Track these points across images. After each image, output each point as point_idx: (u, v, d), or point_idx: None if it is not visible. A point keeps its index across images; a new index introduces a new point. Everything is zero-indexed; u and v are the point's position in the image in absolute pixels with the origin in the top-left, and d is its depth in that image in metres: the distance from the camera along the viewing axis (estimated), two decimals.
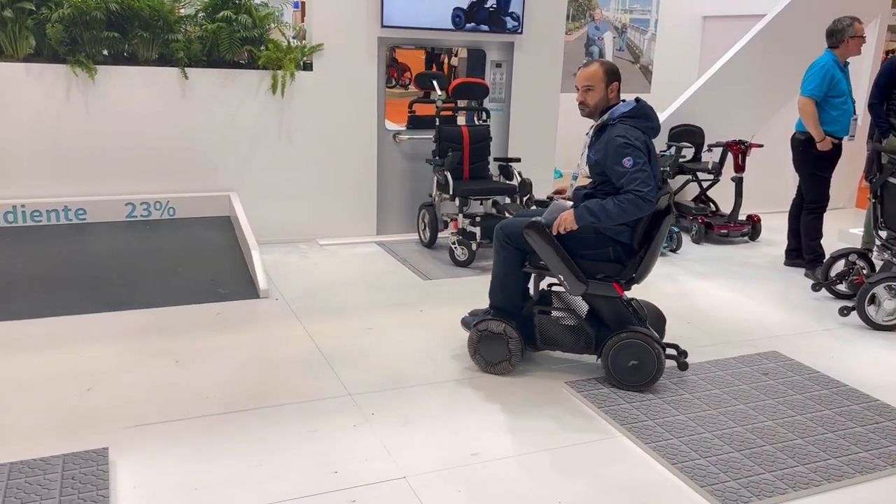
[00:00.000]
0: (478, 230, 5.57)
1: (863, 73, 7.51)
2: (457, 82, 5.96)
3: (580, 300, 3.77)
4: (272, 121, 5.82)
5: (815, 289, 5.12)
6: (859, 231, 6.02)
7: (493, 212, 6.08)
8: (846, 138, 5.48)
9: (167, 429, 3.11)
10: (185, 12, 5.63)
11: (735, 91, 7.13)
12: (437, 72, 6.68)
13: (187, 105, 5.53)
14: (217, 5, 5.49)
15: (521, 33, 6.37)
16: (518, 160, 6.05)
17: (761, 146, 6.58)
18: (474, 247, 5.54)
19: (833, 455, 3.04)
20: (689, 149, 6.68)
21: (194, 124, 5.58)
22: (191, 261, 5.06)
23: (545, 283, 3.94)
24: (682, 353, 3.76)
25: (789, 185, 6.37)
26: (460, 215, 5.64)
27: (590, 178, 3.70)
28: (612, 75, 3.56)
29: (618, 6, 10.07)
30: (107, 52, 5.35)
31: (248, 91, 5.69)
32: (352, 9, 5.83)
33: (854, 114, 5.46)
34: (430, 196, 6.07)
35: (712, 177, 6.67)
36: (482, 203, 6.10)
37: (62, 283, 4.61)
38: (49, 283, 4.59)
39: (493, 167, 6.15)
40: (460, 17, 6.09)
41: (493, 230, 5.63)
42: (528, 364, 3.87)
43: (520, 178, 5.85)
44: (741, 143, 6.51)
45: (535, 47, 6.51)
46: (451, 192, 5.65)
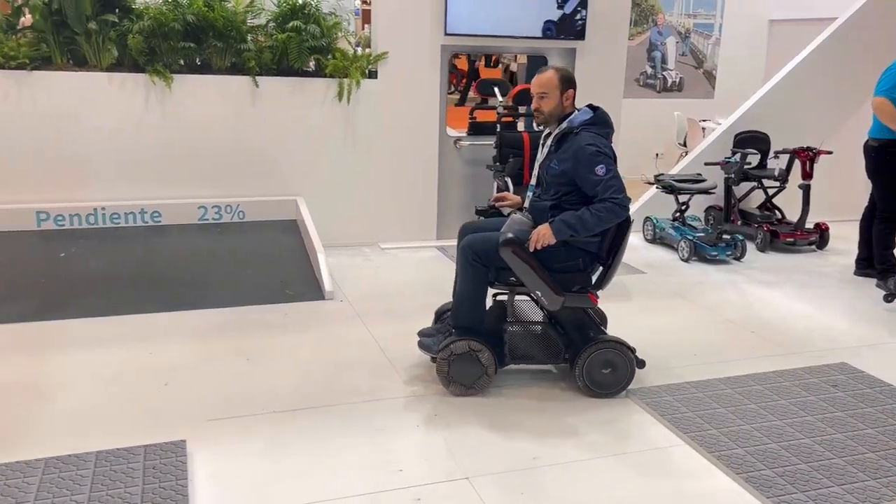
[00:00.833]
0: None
1: None
2: (518, 88, 6.01)
3: (536, 311, 3.74)
4: (337, 127, 5.97)
5: (888, 300, 4.97)
6: None
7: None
8: None
9: (240, 423, 3.23)
10: (255, 22, 5.83)
11: (803, 96, 6.97)
12: (499, 78, 6.73)
13: (257, 112, 5.72)
14: (287, 15, 5.67)
15: (583, 39, 6.38)
16: None
17: (830, 153, 6.42)
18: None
19: None
20: (754, 155, 6.57)
21: (264, 131, 5.76)
22: (259, 263, 5.23)
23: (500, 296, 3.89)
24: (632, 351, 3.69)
25: (860, 192, 6.20)
26: None
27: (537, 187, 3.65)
28: (568, 82, 3.50)
29: (681, 11, 9.95)
30: (182, 62, 5.58)
31: (314, 98, 5.85)
32: (416, 18, 5.94)
33: None
34: (489, 201, 6.12)
35: (778, 184, 6.54)
36: None
37: (139, 282, 4.83)
38: (127, 283, 4.81)
39: None
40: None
41: None
42: None
43: None
44: (809, 149, 6.36)
45: (598, 53, 6.50)
46: None
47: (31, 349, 3.90)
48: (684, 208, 6.46)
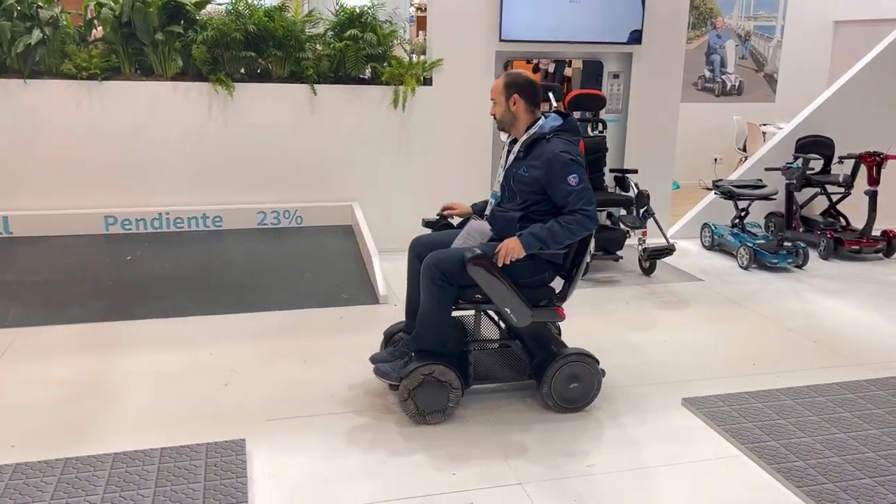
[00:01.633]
0: (592, 242, 5.54)
1: None
2: (573, 94, 5.97)
3: (493, 328, 3.69)
4: (392, 134, 6.04)
5: None
6: None
7: (608, 223, 6.04)
8: None
9: (297, 424, 3.31)
10: (314, 31, 5.95)
11: (870, 100, 6.75)
12: (553, 83, 6.71)
13: (315, 119, 5.84)
14: (344, 24, 5.78)
15: (640, 43, 6.31)
16: (635, 171, 5.98)
17: None
18: (588, 258, 5.51)
19: None
20: (817, 160, 6.39)
21: (321, 137, 5.87)
22: (316, 267, 5.33)
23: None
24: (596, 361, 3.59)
25: None
26: None
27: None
28: (512, 87, 3.34)
29: (741, 13, 9.75)
30: (243, 71, 5.74)
31: (370, 106, 5.94)
32: (471, 24, 5.97)
33: None
34: None
35: (843, 190, 6.35)
36: None
37: (201, 285, 4.98)
38: (189, 285, 4.96)
39: (609, 179, 6.11)
40: (638, 41, 6.26)
41: (608, 242, 5.70)
42: (643, 378, 3.85)
43: (636, 190, 5.78)
44: (876, 154, 6.16)
45: (655, 57, 6.43)
46: None
47: (99, 349, 4.06)
48: (744, 214, 6.32)
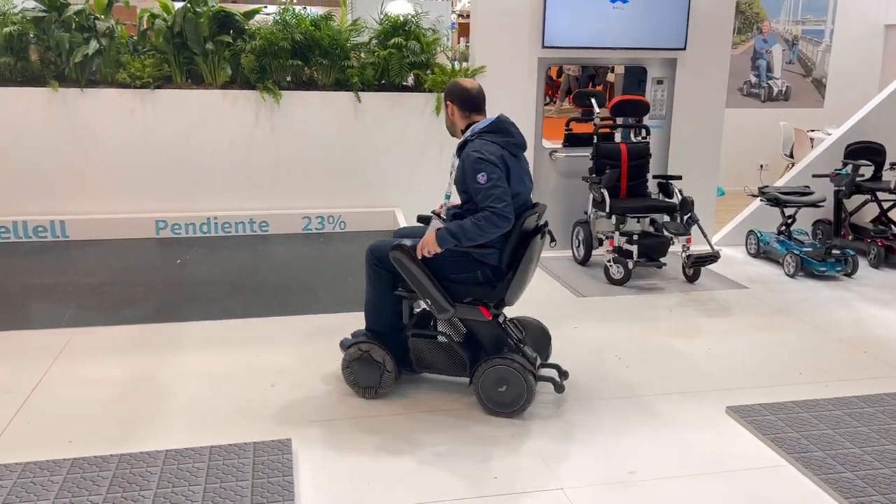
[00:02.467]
0: (635, 248, 5.53)
1: None
2: (616, 100, 5.96)
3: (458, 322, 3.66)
4: (434, 140, 6.10)
5: None
6: None
7: (651, 230, 6.00)
8: None
9: (341, 425, 3.36)
10: (358, 40, 6.05)
11: None
12: (595, 90, 6.70)
13: (359, 126, 5.93)
14: (389, 33, 5.86)
15: (684, 49, 6.27)
16: (679, 178, 5.93)
17: None
18: (630, 265, 5.50)
19: None
20: (867, 167, 6.26)
21: (365, 144, 5.97)
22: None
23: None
24: (563, 375, 3.65)
25: None
26: (616, 233, 5.63)
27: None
28: (448, 94, 3.51)
29: (788, 17, 9.59)
30: (290, 79, 5.86)
31: (413, 113, 6.01)
32: (513, 31, 6.01)
33: None
34: (586, 213, 6.10)
35: (894, 197, 6.20)
36: (639, 221, 6.05)
37: (247, 288, 5.09)
38: (236, 288, 5.08)
39: (652, 185, 6.08)
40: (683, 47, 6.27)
41: (651, 248, 5.66)
42: (686, 386, 3.82)
43: (680, 196, 5.74)
44: None
45: (699, 63, 6.37)
46: (607, 210, 5.65)
47: (150, 349, 4.18)
48: (790, 222, 6.22)
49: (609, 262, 5.58)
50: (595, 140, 6.00)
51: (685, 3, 6.13)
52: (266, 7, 5.96)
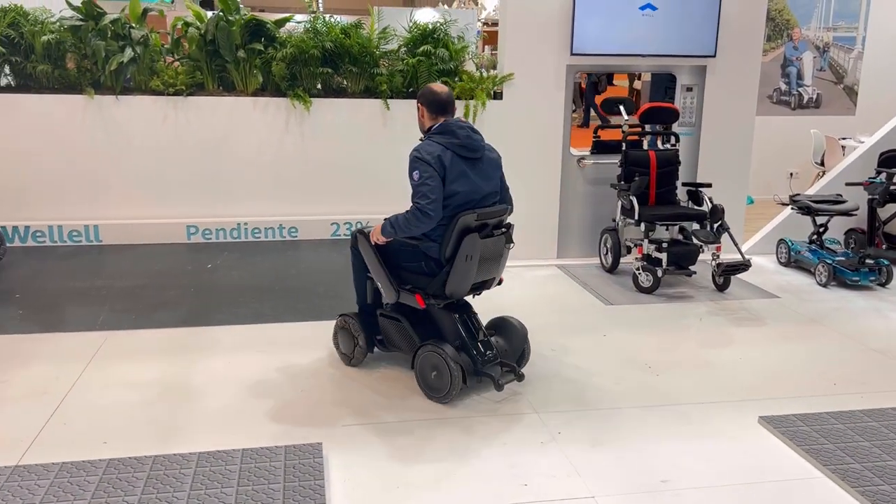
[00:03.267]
0: (664, 256, 5.49)
1: None
2: (646, 107, 5.93)
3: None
4: None
5: None
6: None
7: (680, 238, 5.96)
8: None
9: (371, 430, 3.38)
10: (387, 48, 6.09)
11: None
12: (625, 96, 6.67)
13: (387, 133, 5.97)
14: (418, 40, 5.90)
15: (714, 56, 6.23)
16: (709, 185, 5.88)
17: None
18: (660, 273, 5.46)
19: None
20: None
21: (392, 151, 5.99)
22: None
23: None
24: (519, 376, 3.73)
25: None
26: (645, 241, 5.60)
27: None
28: (420, 97, 3.73)
29: (819, 24, 9.48)
30: (319, 86, 5.91)
31: None
32: (542, 39, 6.01)
33: None
34: (614, 221, 6.07)
35: None
36: (668, 229, 6.00)
37: (277, 292, 5.13)
38: (266, 293, 5.12)
39: (681, 192, 6.03)
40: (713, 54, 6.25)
41: (681, 256, 5.61)
42: (718, 396, 3.78)
43: (710, 204, 5.69)
44: None
45: (729, 70, 6.33)
46: (636, 217, 5.62)
47: (182, 352, 4.23)
48: (822, 231, 6.13)
49: (638, 269, 5.55)
50: (624, 147, 5.98)
51: (715, 10, 6.09)
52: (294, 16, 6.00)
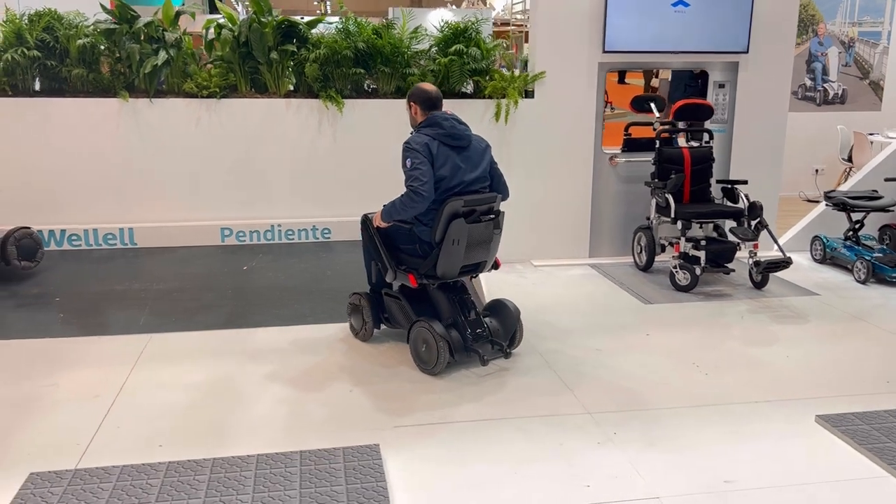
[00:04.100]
0: (702, 254, 5.45)
1: None
2: (681, 104, 5.89)
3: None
4: (493, 146, 6.03)
5: None
6: None
7: (715, 235, 5.91)
8: None
9: (424, 431, 3.35)
10: (418, 48, 6.06)
11: None
12: (654, 94, 6.63)
13: None
14: (449, 40, 5.87)
15: (746, 52, 6.18)
16: (744, 182, 5.83)
17: None
18: (698, 271, 5.41)
19: None
20: None
21: None
22: None
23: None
24: (507, 354, 4.07)
25: None
26: (682, 239, 5.55)
27: None
28: (411, 97, 4.06)
29: (844, 19, 9.41)
30: (350, 87, 5.89)
31: (472, 119, 5.96)
32: (574, 36, 5.98)
33: None
34: (648, 219, 6.03)
35: None
36: (701, 227, 5.96)
37: (314, 294, 5.12)
38: (303, 294, 5.11)
39: (715, 190, 5.99)
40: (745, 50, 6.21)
41: (718, 254, 5.57)
42: (769, 395, 3.74)
43: (746, 201, 5.64)
44: None
45: (762, 66, 6.28)
46: (672, 215, 5.58)
47: (226, 354, 4.22)
48: (858, 227, 6.08)
49: (675, 268, 5.51)
50: (657, 145, 5.94)
51: (748, 5, 6.04)
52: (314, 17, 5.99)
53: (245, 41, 5.58)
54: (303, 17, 5.98)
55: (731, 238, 5.60)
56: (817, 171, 9.60)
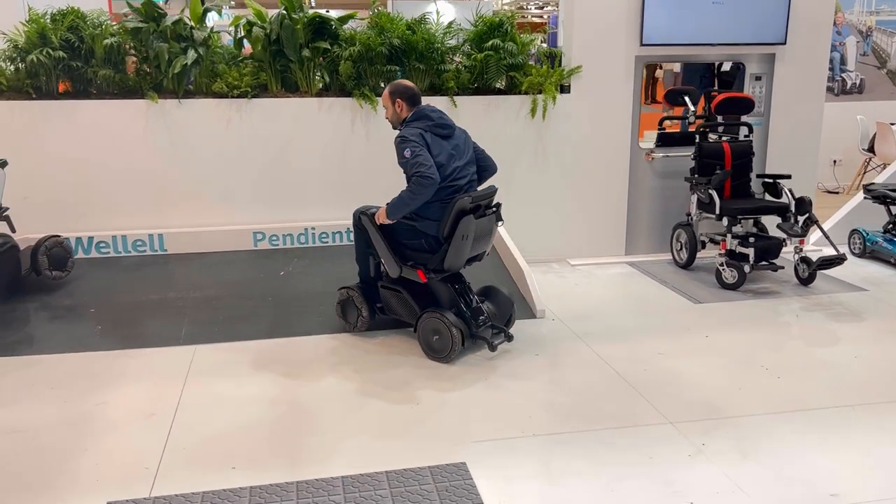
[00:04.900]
0: (751, 252, 5.33)
1: None
2: (721, 97, 5.77)
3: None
4: (529, 143, 5.94)
5: None
6: None
7: (754, 231, 5.80)
8: None
9: (508, 445, 3.21)
10: (451, 43, 5.89)
11: None
12: (689, 87, 6.50)
13: None
14: (484, 34, 5.71)
15: (784, 43, 6.07)
16: (788, 177, 5.72)
17: None
18: (747, 269, 5.30)
19: None
20: None
21: None
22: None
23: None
24: (507, 336, 4.21)
25: None
26: (728, 235, 5.44)
27: None
28: (395, 94, 4.16)
29: (862, 8, 9.33)
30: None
31: (508, 115, 5.86)
32: (610, 30, 5.84)
33: None
34: (688, 215, 5.91)
35: None
36: (741, 223, 5.84)
37: None
38: None
39: (753, 184, 5.88)
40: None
41: (764, 251, 5.46)
42: (846, 399, 3.63)
43: (791, 196, 5.53)
44: None
45: (798, 57, 6.17)
46: (717, 212, 5.47)
47: (276, 365, 4.06)
48: None
49: (721, 265, 5.39)
50: (697, 140, 5.82)
51: None
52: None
53: (276, 38, 5.38)
54: (355, 12, 5.79)
55: (783, 234, 5.47)
56: (835, 161, 9.54)
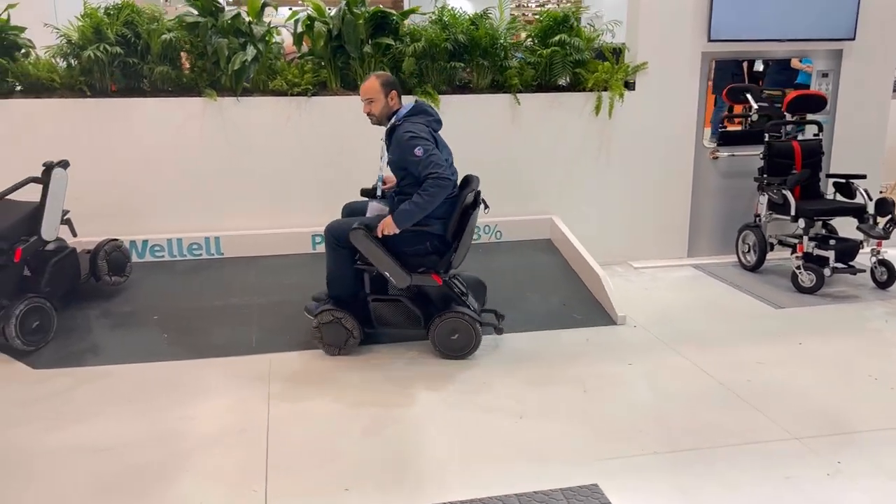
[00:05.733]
0: (831, 254, 5.16)
1: None
2: (794, 95, 5.59)
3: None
4: (592, 142, 5.76)
5: None
6: None
7: (823, 232, 5.62)
8: None
9: (632, 465, 3.03)
10: (512, 39, 5.71)
11: None
12: (751, 84, 6.32)
13: (515, 130, 5.60)
14: (550, 29, 5.51)
15: (853, 39, 5.89)
16: (863, 177, 5.55)
17: None
18: (827, 272, 5.13)
19: None
20: None
21: (521, 148, 5.63)
22: (532, 284, 5.08)
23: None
24: (500, 318, 4.21)
25: None
26: (805, 237, 5.27)
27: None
28: (389, 85, 3.99)
29: None
30: (446, 82, 5.52)
31: (571, 113, 5.67)
32: (677, 26, 5.65)
33: None
34: (756, 216, 5.73)
35: None
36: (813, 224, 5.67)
37: None
38: None
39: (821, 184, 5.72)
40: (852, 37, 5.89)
41: (841, 253, 5.29)
42: None
43: (866, 197, 5.36)
44: None
45: (867, 53, 5.99)
46: (792, 213, 5.29)
47: (358, 375, 3.87)
48: None
49: (798, 268, 5.22)
50: (766, 138, 5.64)
51: None
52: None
53: (338, 34, 5.18)
54: (417, 7, 5.59)
55: (863, 236, 5.28)
56: None
